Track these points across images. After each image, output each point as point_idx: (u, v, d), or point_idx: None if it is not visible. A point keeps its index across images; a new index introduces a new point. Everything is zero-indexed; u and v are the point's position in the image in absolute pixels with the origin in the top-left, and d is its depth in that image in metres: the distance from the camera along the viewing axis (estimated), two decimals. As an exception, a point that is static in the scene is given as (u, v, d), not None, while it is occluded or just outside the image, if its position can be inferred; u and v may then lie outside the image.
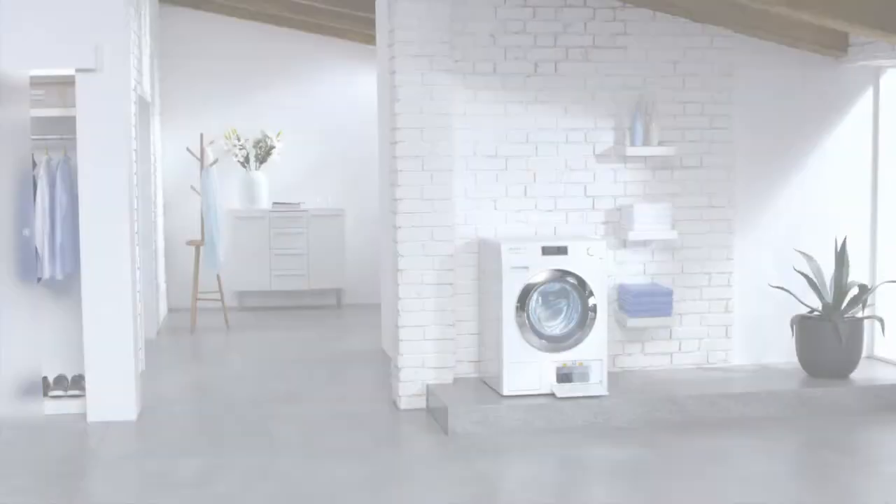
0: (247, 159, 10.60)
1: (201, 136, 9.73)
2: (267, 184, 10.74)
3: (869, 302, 6.72)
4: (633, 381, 6.37)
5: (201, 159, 9.56)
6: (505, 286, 5.94)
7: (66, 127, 6.35)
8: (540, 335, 5.99)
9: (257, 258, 10.55)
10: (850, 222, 6.89)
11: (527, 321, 5.96)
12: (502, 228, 6.48)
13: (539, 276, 5.96)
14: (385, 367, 7.63)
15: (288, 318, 10.12)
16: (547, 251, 5.98)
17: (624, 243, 6.61)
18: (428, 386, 6.30)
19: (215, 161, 9.72)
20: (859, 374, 6.46)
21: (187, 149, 10.00)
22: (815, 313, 6.54)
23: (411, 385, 6.33)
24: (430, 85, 6.25)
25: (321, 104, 10.95)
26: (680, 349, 6.74)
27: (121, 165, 6.07)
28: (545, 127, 6.50)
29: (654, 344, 6.71)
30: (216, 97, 10.71)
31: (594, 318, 6.02)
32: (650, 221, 6.45)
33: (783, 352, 6.86)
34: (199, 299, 9.69)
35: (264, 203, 10.71)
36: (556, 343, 6.01)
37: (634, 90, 6.59)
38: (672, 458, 5.22)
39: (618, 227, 6.59)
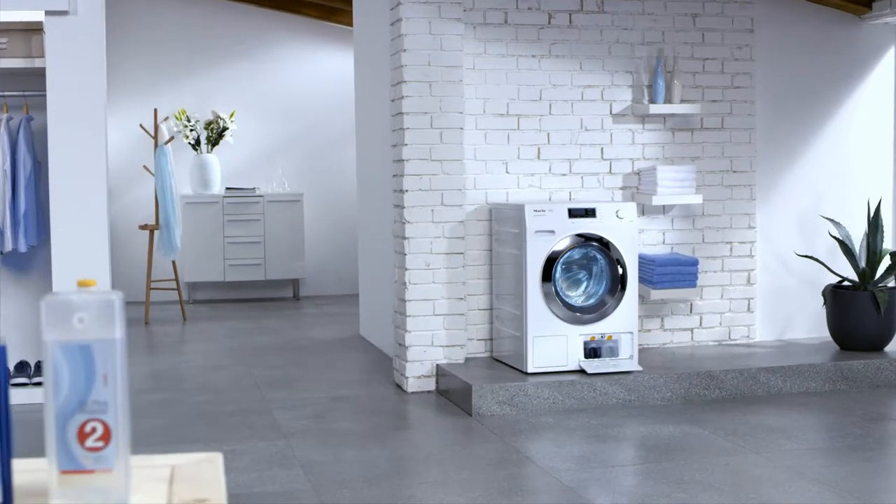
0: (197, 142, 9.87)
1: (155, 111, 9.01)
2: (219, 167, 10.01)
3: None
4: (658, 357, 5.89)
5: (155, 137, 8.84)
6: (529, 252, 5.40)
7: (30, 81, 5.64)
8: (569, 306, 5.47)
9: (209, 247, 9.82)
10: (875, 187, 6.52)
11: (553, 290, 5.43)
12: (514, 193, 5.94)
13: (566, 241, 5.44)
14: (368, 353, 7.06)
15: (246, 310, 9.44)
16: (574, 214, 5.46)
17: (642, 210, 6.14)
18: (438, 366, 5.73)
19: (171, 139, 9.01)
20: (890, 347, 6.07)
21: (140, 125, 9.26)
22: (846, 283, 6.14)
23: (419, 366, 5.75)
24: (440, 35, 5.70)
25: (277, 84, 10.29)
26: (701, 324, 6.28)
27: (95, 124, 5.38)
28: (559, 83, 5.99)
29: (675, 319, 6.24)
30: (164, 75, 9.97)
31: (624, 288, 5.52)
32: (674, 185, 5.98)
33: (807, 326, 6.46)
34: (152, 289, 8.96)
35: (216, 188, 9.98)
36: (586, 314, 5.49)
37: (652, 45, 6.13)
38: (731, 434, 4.74)
39: (636, 192, 6.11)
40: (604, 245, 5.49)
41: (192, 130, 9.85)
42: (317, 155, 10.36)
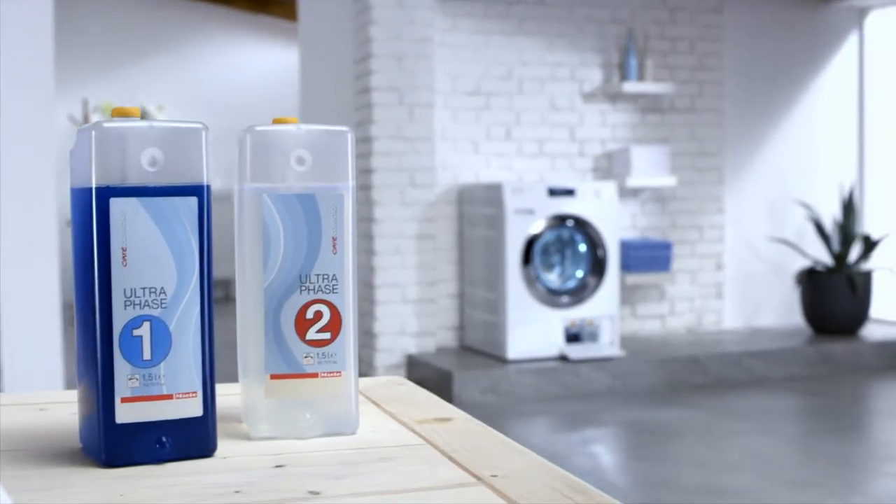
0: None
1: (85, 102, 8.52)
2: (149, 162, 9.52)
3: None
4: (634, 343, 5.65)
5: (84, 126, 8.35)
6: (508, 233, 5.14)
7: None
8: (549, 290, 5.22)
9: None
10: (840, 170, 6.43)
11: (533, 273, 5.18)
12: (484, 175, 5.68)
13: (546, 221, 5.19)
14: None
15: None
16: (554, 193, 5.21)
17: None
18: (409, 356, 5.43)
19: (101, 129, 8.52)
20: (864, 332, 5.97)
21: (69, 117, 8.75)
22: (820, 266, 6.02)
23: (388, 355, 5.44)
24: (410, 8, 5.40)
25: (208, 77, 9.86)
26: (672, 311, 6.10)
27: (45, 106, 4.94)
28: (529, 61, 5.76)
29: (646, 306, 6.04)
30: (89, 67, 9.47)
31: (605, 270, 5.29)
32: (648, 166, 5.79)
33: (776, 311, 6.33)
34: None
35: (146, 184, 9.48)
36: (567, 298, 5.24)
37: (622, 24, 5.94)
38: (730, 417, 4.54)
39: (608, 173, 5.90)
40: (585, 225, 5.25)
41: (118, 123, 9.34)
42: (250, 149, 9.94)
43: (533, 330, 5.18)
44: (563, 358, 5.18)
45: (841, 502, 3.28)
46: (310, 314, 0.79)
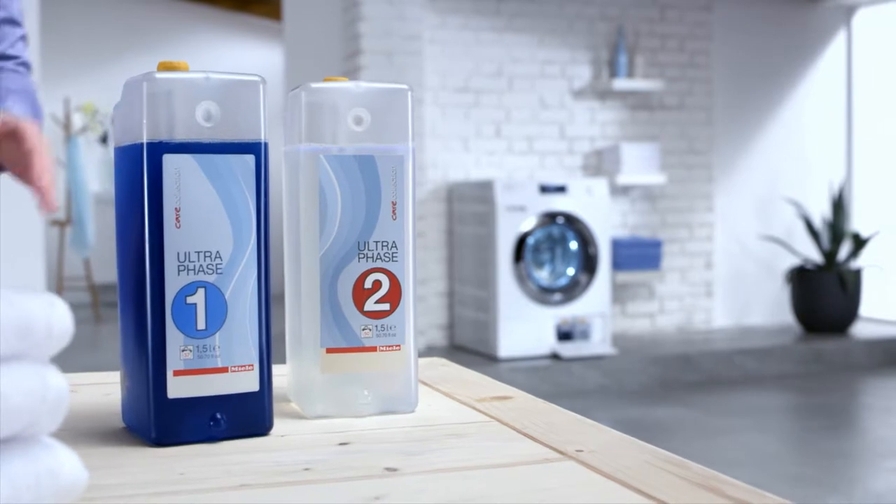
0: (105, 136, 9.29)
1: (66, 100, 8.42)
2: (131, 162, 9.42)
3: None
4: (625, 342, 5.62)
5: (67, 127, 8.26)
6: (500, 231, 5.09)
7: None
8: (541, 287, 5.18)
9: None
10: (829, 168, 6.42)
11: (525, 271, 5.14)
12: (474, 172, 5.64)
13: (538, 218, 5.15)
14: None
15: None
16: (546, 189, 5.17)
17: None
18: (399, 355, 5.36)
19: (83, 129, 8.43)
20: (854, 330, 5.96)
21: (51, 115, 8.64)
22: (810, 264, 6.00)
23: (378, 355, 5.37)
24: (400, 4, 5.36)
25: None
26: (661, 309, 6.07)
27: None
28: (519, 59, 5.72)
29: (636, 304, 6.01)
30: (71, 66, 9.37)
31: (596, 268, 5.25)
32: (638, 164, 5.76)
33: (765, 309, 6.31)
34: (64, 289, 8.35)
35: (127, 184, 9.37)
36: (558, 295, 5.20)
37: (612, 21, 5.91)
38: (727, 414, 4.51)
39: (598, 171, 5.86)
40: (576, 223, 5.21)
41: (99, 123, 9.26)
42: (233, 149, 9.86)
43: (524, 328, 5.13)
44: (554, 356, 5.14)
45: (843, 498, 3.25)
46: (368, 283, 0.74)
